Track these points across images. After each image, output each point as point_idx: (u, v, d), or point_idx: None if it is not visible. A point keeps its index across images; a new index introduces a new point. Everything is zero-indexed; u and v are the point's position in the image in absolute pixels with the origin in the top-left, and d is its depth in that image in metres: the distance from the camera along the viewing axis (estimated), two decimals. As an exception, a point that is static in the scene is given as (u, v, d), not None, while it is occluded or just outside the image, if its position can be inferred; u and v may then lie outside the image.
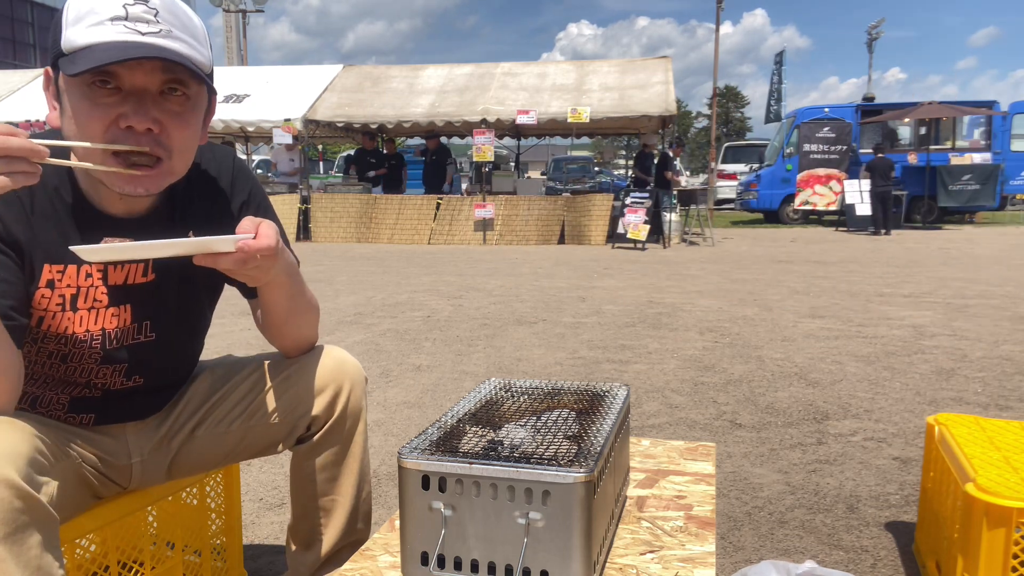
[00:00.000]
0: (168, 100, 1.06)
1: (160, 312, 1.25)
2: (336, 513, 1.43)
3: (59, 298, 1.14)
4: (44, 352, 1.19)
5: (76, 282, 1.15)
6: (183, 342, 1.34)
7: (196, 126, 1.12)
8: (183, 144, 1.10)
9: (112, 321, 1.20)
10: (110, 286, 1.19)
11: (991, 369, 3.83)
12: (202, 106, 1.13)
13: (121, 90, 1.03)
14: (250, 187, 1.34)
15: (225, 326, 5.01)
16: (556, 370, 3.87)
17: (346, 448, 1.40)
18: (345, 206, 12.70)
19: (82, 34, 1.00)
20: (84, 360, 1.21)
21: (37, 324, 1.14)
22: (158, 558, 1.36)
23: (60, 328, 1.16)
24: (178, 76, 1.05)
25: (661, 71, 13.11)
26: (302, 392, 1.35)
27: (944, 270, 8.19)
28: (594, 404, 1.25)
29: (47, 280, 1.13)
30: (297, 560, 1.46)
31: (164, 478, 1.36)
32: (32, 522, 0.92)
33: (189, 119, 1.09)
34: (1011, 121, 15.72)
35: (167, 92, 1.06)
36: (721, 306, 5.87)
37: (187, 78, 1.06)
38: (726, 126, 49.24)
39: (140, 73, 1.02)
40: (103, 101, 1.02)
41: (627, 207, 11.24)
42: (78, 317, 1.16)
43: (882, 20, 36.34)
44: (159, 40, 1.01)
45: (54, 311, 1.14)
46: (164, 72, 1.04)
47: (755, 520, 2.13)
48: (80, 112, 1.03)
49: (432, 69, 14.39)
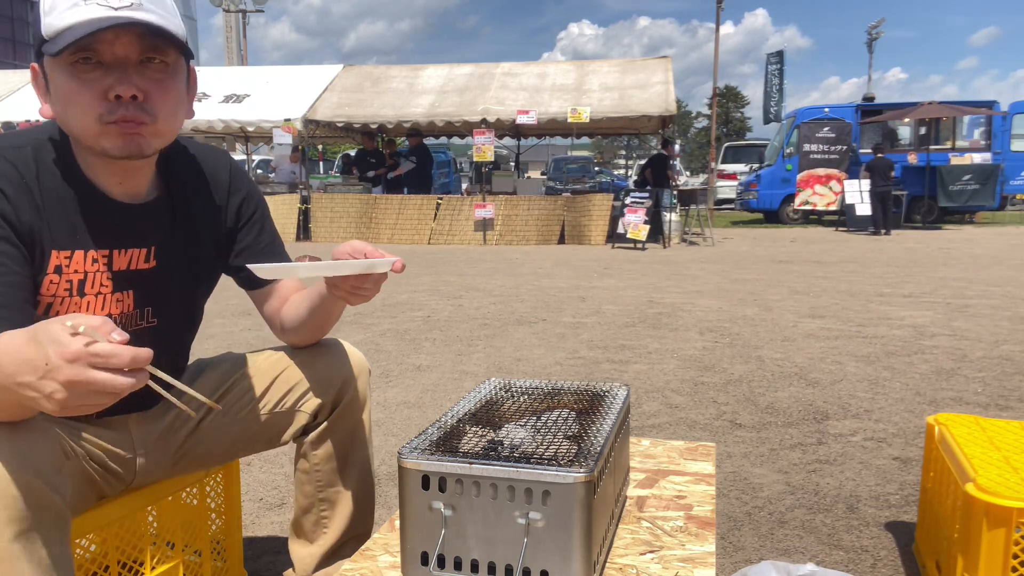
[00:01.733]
0: (148, 68, 1.10)
1: (162, 299, 1.28)
2: (341, 504, 1.45)
3: (67, 283, 1.16)
4: None
5: (83, 267, 1.17)
6: (182, 329, 1.36)
7: (177, 92, 1.15)
8: (167, 109, 1.13)
9: (117, 307, 1.22)
10: (114, 272, 1.20)
11: (991, 369, 3.83)
12: (181, 74, 1.16)
13: (103, 64, 1.07)
14: (248, 186, 1.39)
15: (225, 326, 5.02)
16: (556, 370, 3.87)
17: (351, 438, 1.44)
18: (345, 206, 12.70)
19: (59, 18, 1.05)
20: None
21: (45, 311, 1.15)
22: (158, 558, 1.36)
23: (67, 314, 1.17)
24: (154, 44, 1.09)
25: (661, 71, 13.10)
26: (310, 381, 1.39)
27: (944, 270, 8.19)
28: (594, 404, 1.25)
29: (55, 266, 1.14)
30: (302, 554, 1.48)
31: (169, 471, 1.36)
32: (47, 520, 0.92)
33: (169, 85, 1.13)
34: (1011, 121, 15.70)
35: (146, 62, 1.10)
36: (721, 306, 5.87)
37: (164, 46, 1.10)
38: (726, 126, 49.24)
39: (118, 45, 1.07)
40: (88, 76, 1.07)
41: (627, 207, 11.24)
42: (85, 303, 1.18)
43: (882, 20, 36.34)
44: (132, 12, 1.05)
45: (62, 296, 1.16)
46: (141, 42, 1.08)
47: (755, 520, 2.13)
48: (69, 91, 1.07)
49: (432, 69, 14.39)
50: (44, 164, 1.13)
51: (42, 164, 1.13)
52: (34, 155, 1.13)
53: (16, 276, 1.07)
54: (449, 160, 20.46)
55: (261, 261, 1.33)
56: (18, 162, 1.11)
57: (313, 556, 1.47)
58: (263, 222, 1.40)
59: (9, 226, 1.08)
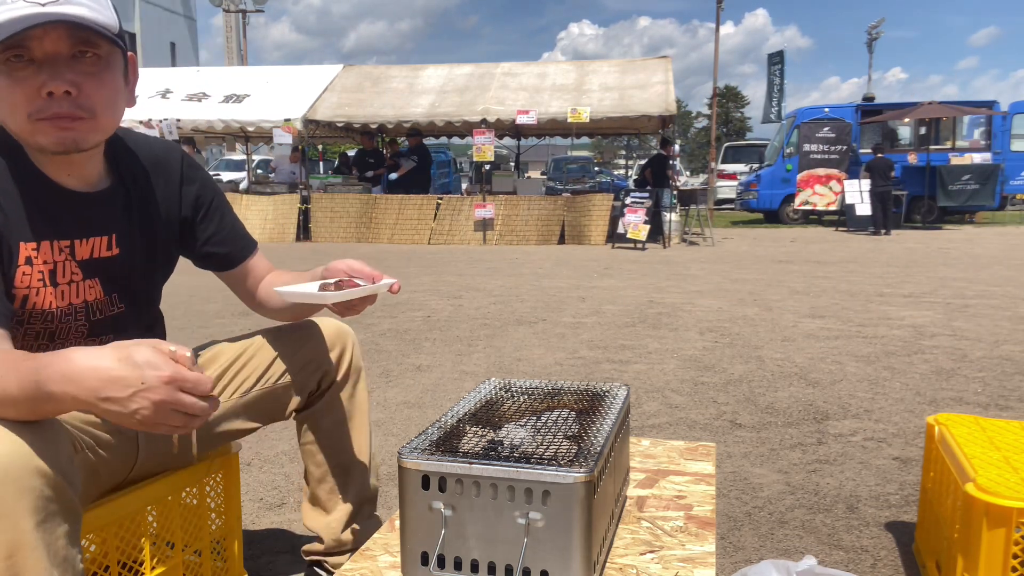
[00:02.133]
0: (81, 63, 1.10)
1: (126, 285, 1.31)
2: (354, 470, 1.54)
3: (39, 274, 1.18)
4: (31, 334, 1.21)
5: (52, 257, 1.19)
6: (145, 314, 1.40)
7: (113, 84, 1.15)
8: (104, 101, 1.14)
9: (91, 294, 1.25)
10: (78, 260, 1.22)
11: (991, 369, 3.83)
12: (117, 65, 1.16)
13: (35, 61, 1.07)
14: (202, 176, 1.43)
15: (225, 326, 5.02)
16: (556, 370, 3.87)
17: (354, 405, 1.53)
18: (345, 206, 12.70)
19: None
20: (71, 335, 1.25)
21: (22, 304, 1.17)
22: (158, 558, 1.36)
23: (44, 304, 1.19)
24: (85, 37, 1.09)
25: (661, 71, 13.10)
26: (314, 350, 1.49)
27: (944, 270, 8.19)
28: (594, 404, 1.25)
29: (25, 257, 1.16)
30: (324, 522, 1.55)
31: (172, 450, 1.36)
32: (60, 512, 0.92)
33: (104, 78, 1.13)
34: (1011, 121, 15.70)
35: (78, 56, 1.10)
36: (721, 306, 5.87)
37: (95, 38, 1.10)
38: (726, 126, 49.24)
39: (48, 41, 1.07)
40: (20, 74, 1.07)
41: (627, 207, 11.24)
42: (59, 292, 1.20)
43: (882, 20, 36.37)
44: (59, 8, 1.05)
45: (36, 287, 1.18)
46: (71, 36, 1.08)
47: (755, 520, 2.13)
48: (3, 89, 1.08)
49: (432, 69, 14.38)
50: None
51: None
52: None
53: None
54: (449, 160, 20.46)
55: (228, 247, 1.45)
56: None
57: (338, 521, 1.54)
58: (223, 210, 1.46)
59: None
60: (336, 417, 1.51)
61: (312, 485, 1.55)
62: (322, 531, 1.56)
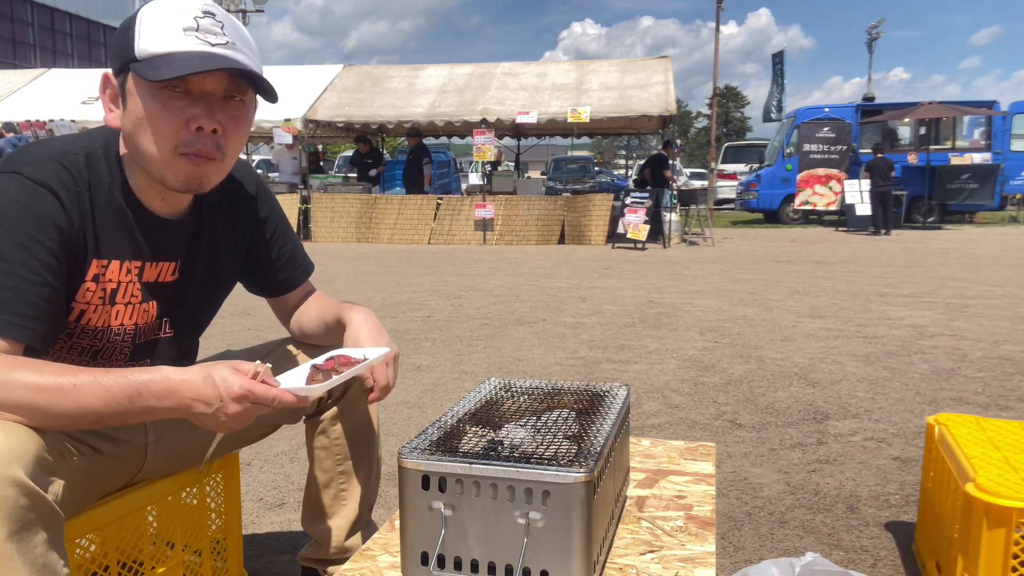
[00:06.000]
0: (229, 105, 1.15)
1: (180, 310, 1.33)
2: (358, 475, 1.54)
3: (101, 292, 1.19)
4: (76, 348, 1.21)
5: (118, 277, 1.20)
6: (191, 339, 1.42)
7: (247, 131, 1.21)
8: (235, 147, 1.19)
9: (143, 317, 1.26)
10: (144, 283, 1.24)
11: (991, 369, 3.83)
12: (253, 113, 1.22)
13: (190, 94, 1.11)
14: (272, 202, 1.46)
15: (225, 326, 5.02)
16: (556, 370, 3.87)
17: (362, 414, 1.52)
18: (345, 206, 12.70)
19: (158, 43, 1.08)
20: (114, 355, 1.26)
21: (77, 318, 1.18)
22: (158, 558, 1.36)
23: (99, 322, 1.20)
24: (240, 84, 1.15)
25: (661, 71, 13.11)
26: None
27: (944, 270, 8.19)
28: (594, 404, 1.25)
29: (93, 274, 1.17)
30: (327, 527, 1.54)
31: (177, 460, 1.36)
32: (38, 520, 0.92)
33: (243, 124, 1.19)
34: (1011, 121, 15.70)
35: (228, 98, 1.15)
36: (721, 306, 5.87)
37: (246, 86, 1.16)
38: (726, 126, 49.24)
39: (209, 81, 1.11)
40: (174, 104, 1.10)
41: (627, 207, 11.24)
42: (115, 311, 1.21)
43: (882, 20, 36.42)
44: (227, 52, 1.11)
45: (95, 304, 1.19)
46: (229, 81, 1.13)
47: (755, 520, 2.13)
48: (151, 114, 1.10)
49: (432, 69, 14.39)
50: (94, 172, 1.16)
51: (93, 172, 1.16)
52: (86, 162, 1.15)
53: (51, 289, 1.08)
54: (449, 160, 20.44)
55: (285, 274, 1.48)
56: (72, 168, 1.13)
57: (341, 528, 1.54)
58: (285, 235, 1.48)
59: (60, 234, 1.10)
60: (346, 426, 1.50)
61: (315, 491, 1.54)
62: (322, 536, 1.54)
